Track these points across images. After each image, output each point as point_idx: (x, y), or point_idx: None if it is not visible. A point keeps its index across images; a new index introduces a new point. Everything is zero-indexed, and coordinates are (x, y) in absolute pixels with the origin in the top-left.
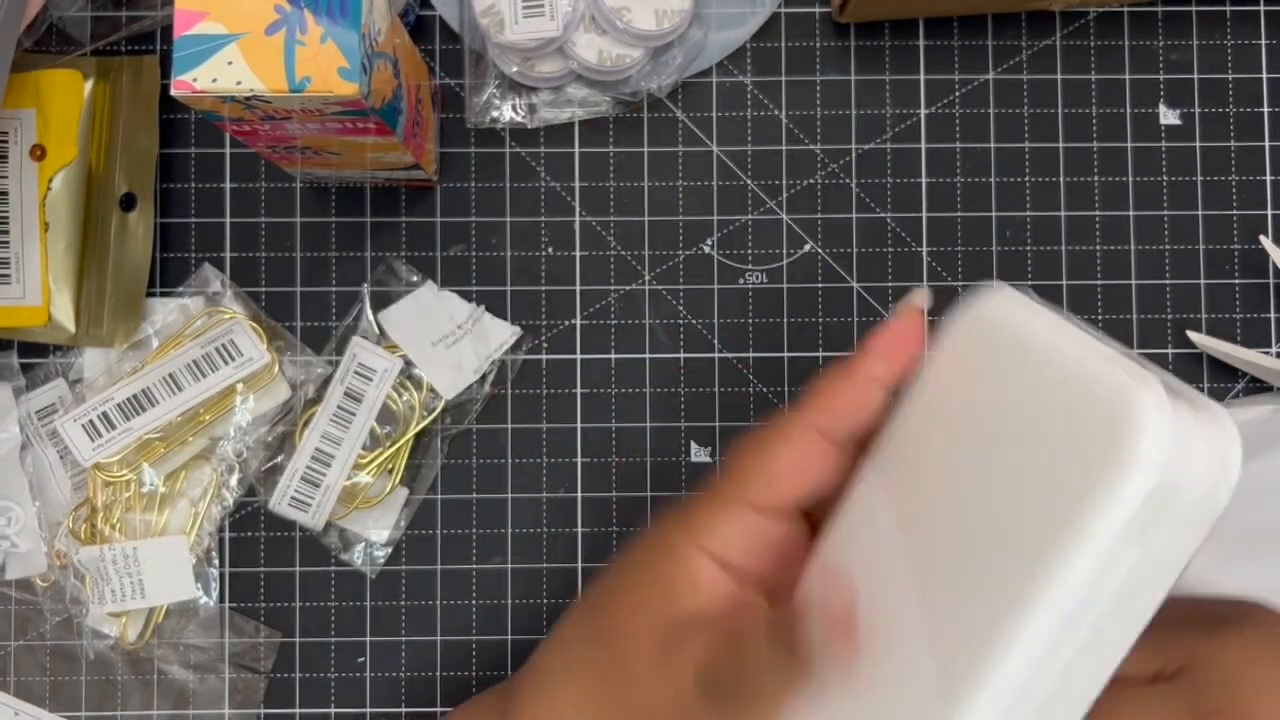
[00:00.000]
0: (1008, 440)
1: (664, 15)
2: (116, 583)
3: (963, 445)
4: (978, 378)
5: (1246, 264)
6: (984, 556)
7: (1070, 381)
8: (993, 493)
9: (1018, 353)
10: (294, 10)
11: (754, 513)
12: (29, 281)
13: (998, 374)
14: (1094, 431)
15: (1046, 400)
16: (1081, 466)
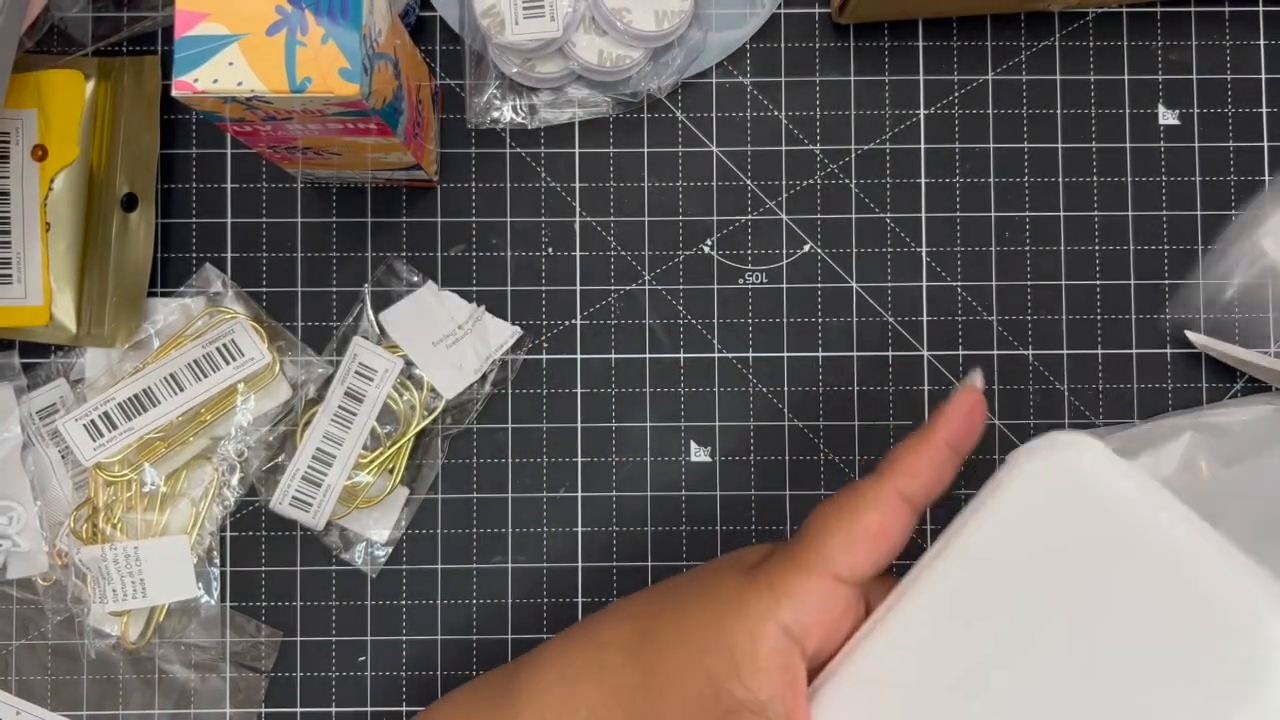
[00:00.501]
0: (1102, 612)
1: (664, 16)
2: (118, 582)
3: (1039, 601)
4: (1054, 532)
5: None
6: None
7: (1187, 576)
8: (1085, 664)
9: (1110, 520)
10: (295, 11)
11: (836, 582)
12: (30, 281)
13: (1083, 534)
14: (1225, 645)
15: (1154, 584)
16: (1214, 676)
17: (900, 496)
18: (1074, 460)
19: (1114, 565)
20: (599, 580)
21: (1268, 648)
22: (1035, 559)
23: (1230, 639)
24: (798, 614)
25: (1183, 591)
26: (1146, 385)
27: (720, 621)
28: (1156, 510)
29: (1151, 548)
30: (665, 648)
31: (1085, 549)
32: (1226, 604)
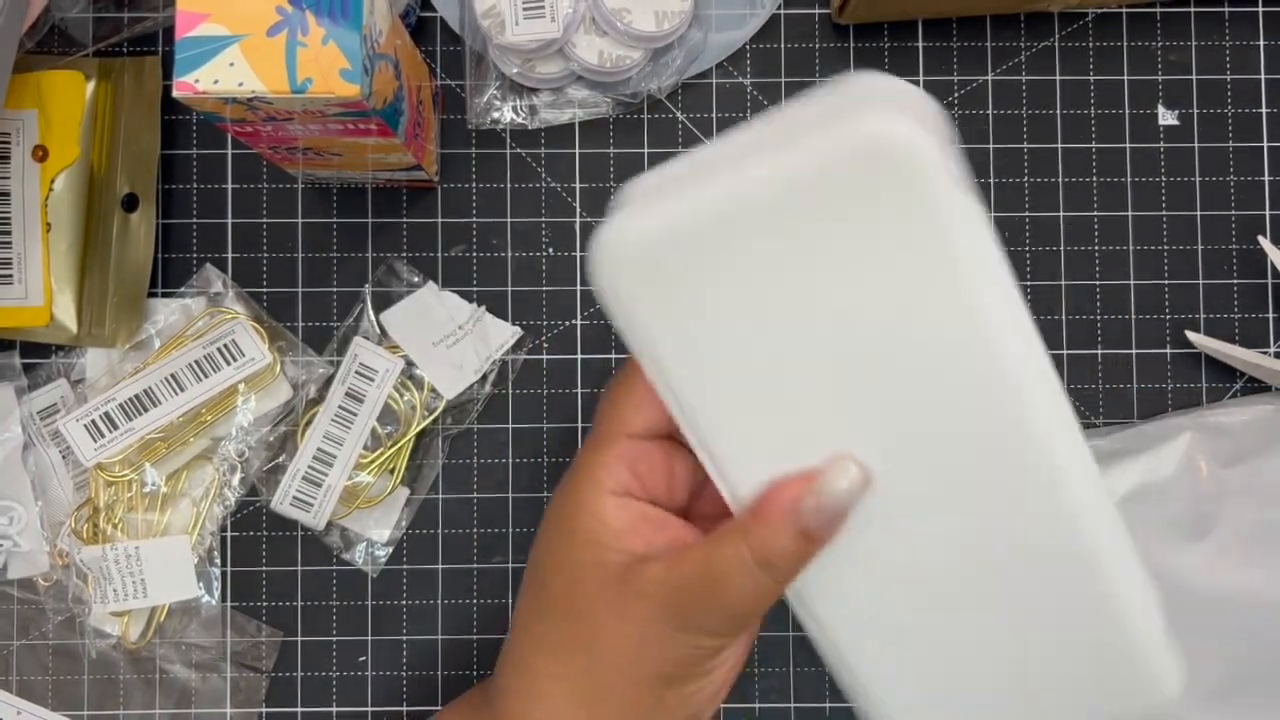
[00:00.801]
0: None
1: (664, 17)
2: (119, 582)
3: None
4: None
5: (1245, 264)
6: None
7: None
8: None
9: (918, 224)
10: (295, 12)
11: (631, 440)
12: (31, 282)
13: (887, 218)
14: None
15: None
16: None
17: None
18: (918, 143)
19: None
20: None
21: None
22: (841, 211)
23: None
24: (619, 476)
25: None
26: (1146, 385)
27: (571, 526)
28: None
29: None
30: (557, 581)
31: (889, 219)
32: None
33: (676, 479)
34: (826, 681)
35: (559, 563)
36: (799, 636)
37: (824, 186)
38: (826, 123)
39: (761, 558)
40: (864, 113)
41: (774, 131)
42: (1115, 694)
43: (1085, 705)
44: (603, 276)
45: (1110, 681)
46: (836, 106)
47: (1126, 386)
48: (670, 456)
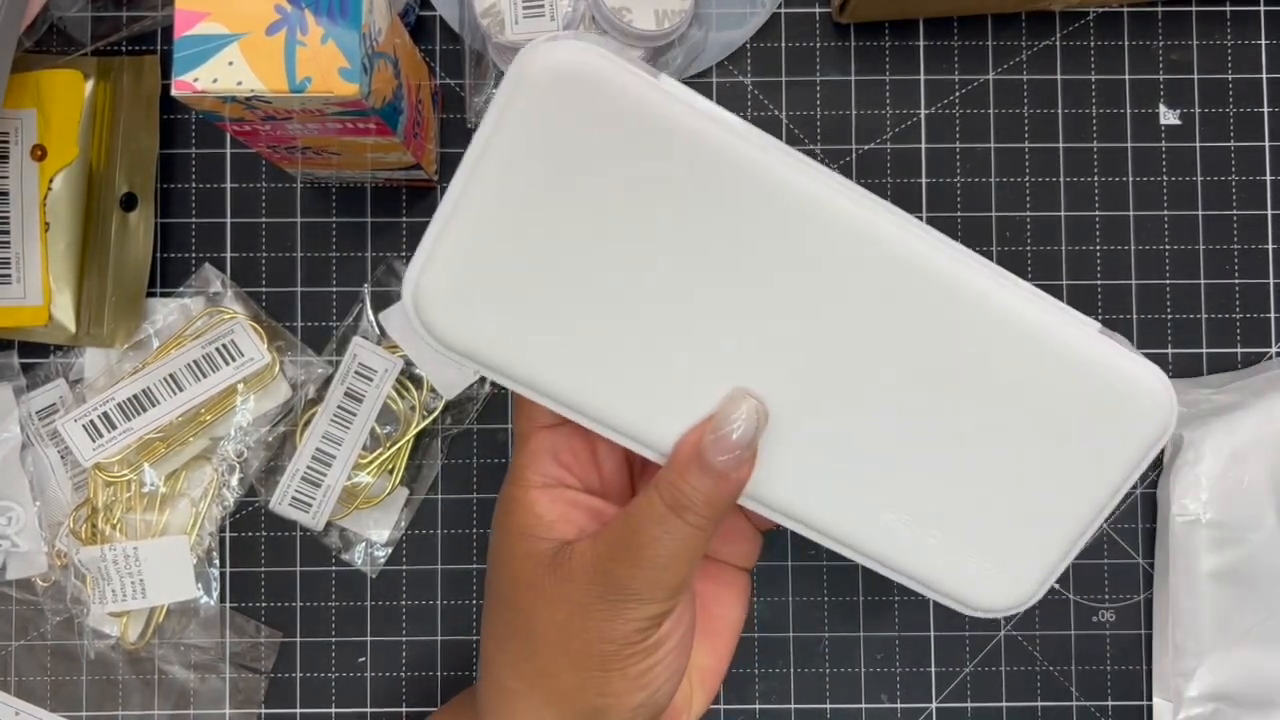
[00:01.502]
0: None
1: (664, 15)
2: (117, 582)
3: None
4: (581, 129)
5: (1246, 264)
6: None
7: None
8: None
9: (633, 117)
10: (294, 10)
11: (548, 431)
12: (30, 281)
13: (609, 131)
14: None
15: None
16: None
17: None
18: (585, 58)
19: (650, 148)
20: None
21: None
22: (575, 150)
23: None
24: (542, 469)
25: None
26: None
27: (509, 525)
28: (662, 95)
29: (671, 132)
30: (503, 580)
31: (616, 138)
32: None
33: (602, 460)
34: (826, 683)
35: (500, 560)
36: (800, 637)
37: (524, 125)
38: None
39: (673, 501)
40: (519, 61)
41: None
42: (1117, 429)
43: (1096, 456)
44: (427, 332)
45: (1105, 420)
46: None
47: None
48: (589, 440)
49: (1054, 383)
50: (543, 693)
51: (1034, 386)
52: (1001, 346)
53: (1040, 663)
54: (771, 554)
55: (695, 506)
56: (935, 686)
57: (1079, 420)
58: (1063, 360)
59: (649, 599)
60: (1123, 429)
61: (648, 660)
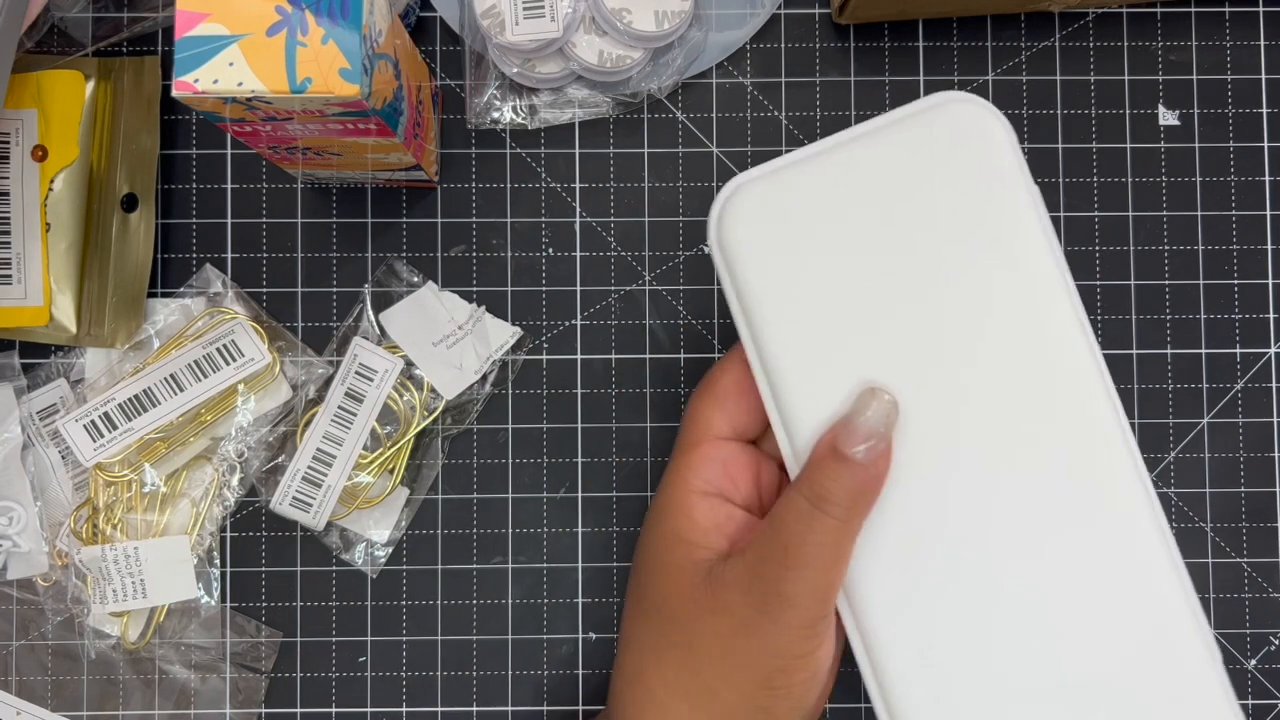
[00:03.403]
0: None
1: (664, 16)
2: (118, 582)
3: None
4: (949, 171)
5: (1245, 264)
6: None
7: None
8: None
9: (993, 188)
10: (295, 11)
11: (720, 442)
12: (30, 282)
13: (968, 186)
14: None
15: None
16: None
17: (739, 360)
18: (991, 123)
19: (983, 220)
20: (599, 580)
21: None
22: (928, 180)
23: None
24: (706, 476)
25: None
26: (1147, 385)
27: (665, 529)
28: (1026, 193)
29: (1009, 220)
30: (655, 585)
31: (965, 193)
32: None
33: (763, 483)
34: None
35: (654, 564)
36: None
37: (914, 149)
38: (917, 109)
39: (814, 496)
40: (949, 98)
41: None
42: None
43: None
44: (719, 231)
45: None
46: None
47: (1127, 387)
48: (756, 461)
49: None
50: (706, 712)
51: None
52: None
53: None
54: None
55: (836, 498)
56: None
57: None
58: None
59: (804, 604)
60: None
61: (805, 670)
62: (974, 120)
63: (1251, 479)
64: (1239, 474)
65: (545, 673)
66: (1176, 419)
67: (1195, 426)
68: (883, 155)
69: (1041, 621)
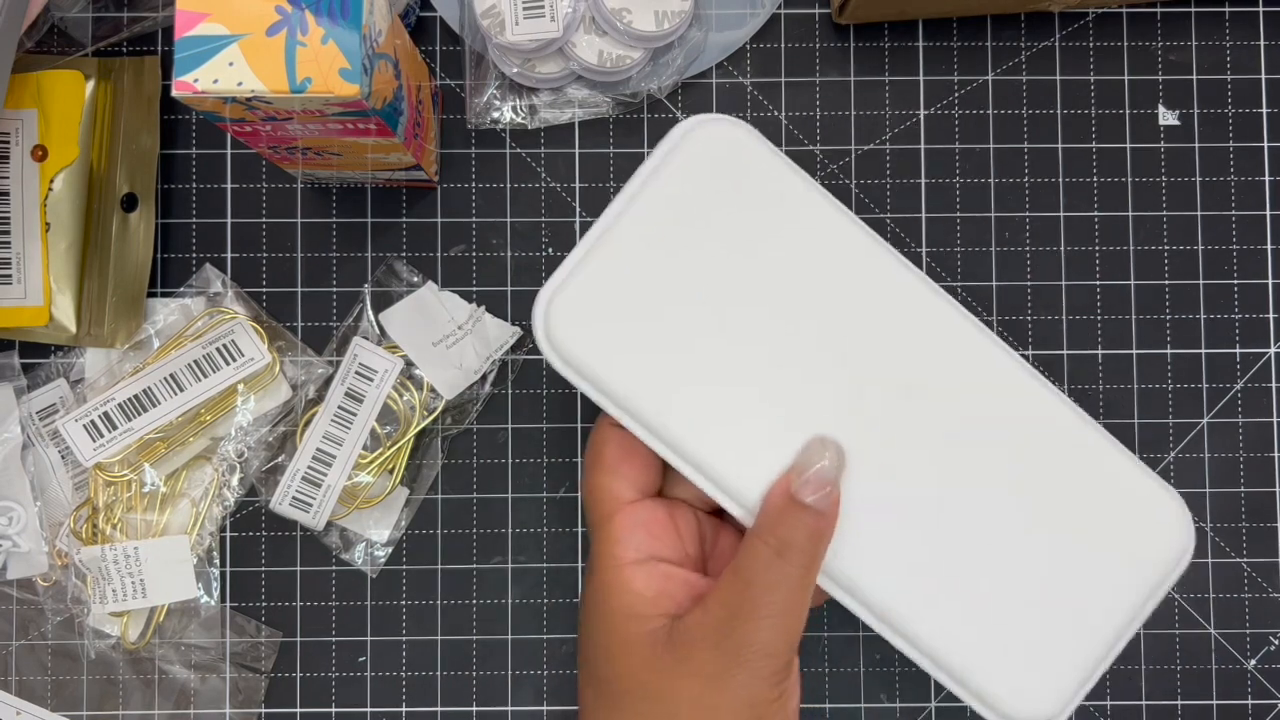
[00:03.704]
0: (778, 251)
1: (664, 16)
2: (118, 582)
3: (727, 239)
4: (726, 187)
5: (1245, 264)
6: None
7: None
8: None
9: (770, 183)
10: (295, 11)
11: (631, 506)
12: (30, 282)
13: (750, 191)
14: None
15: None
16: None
17: (613, 426)
18: (740, 134)
19: (783, 218)
20: None
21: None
22: (715, 207)
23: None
24: (633, 544)
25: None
26: (1146, 385)
27: (608, 607)
28: (802, 178)
29: (804, 207)
30: (606, 662)
31: (753, 203)
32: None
33: (683, 532)
34: (826, 682)
35: (607, 644)
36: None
37: (680, 192)
38: (663, 151)
39: (778, 545)
40: (683, 130)
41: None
42: (1139, 553)
43: (1114, 575)
44: (551, 347)
45: (1131, 541)
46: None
47: (1127, 387)
48: (670, 511)
49: (1096, 491)
50: None
51: (1080, 491)
52: (1056, 449)
53: None
54: None
55: (799, 545)
56: (934, 686)
57: (1115, 530)
58: (1106, 471)
59: (778, 650)
60: (1152, 543)
61: (783, 715)
62: (719, 137)
63: (1251, 479)
64: (1239, 474)
65: (545, 673)
66: (1176, 419)
67: (1195, 426)
68: (660, 208)
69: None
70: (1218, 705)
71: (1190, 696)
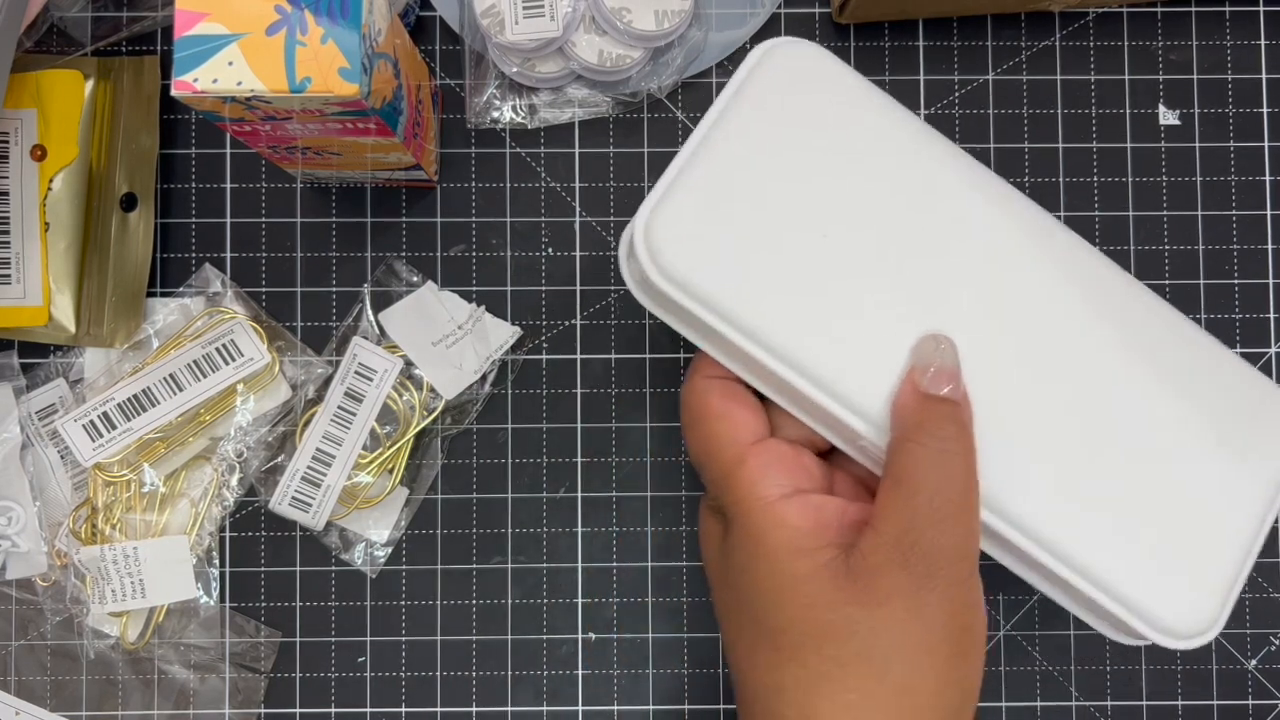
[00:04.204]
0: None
1: (664, 16)
2: (117, 582)
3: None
4: (807, 106)
5: (1245, 264)
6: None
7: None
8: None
9: (849, 100)
10: (295, 11)
11: (758, 447)
12: (30, 281)
13: (829, 110)
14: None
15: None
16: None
17: (717, 378)
18: (816, 53)
19: (869, 131)
20: (599, 580)
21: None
22: (803, 124)
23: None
24: (774, 481)
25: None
26: None
27: (767, 547)
28: (880, 94)
29: (887, 120)
30: (779, 616)
31: (839, 119)
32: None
33: (809, 465)
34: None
35: (777, 596)
36: None
37: (766, 107)
38: (744, 71)
39: (933, 441)
40: (764, 50)
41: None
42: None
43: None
44: (655, 265)
45: (1256, 445)
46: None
47: None
48: (793, 448)
49: (1218, 397)
50: (911, 717)
51: (1202, 396)
52: (1175, 355)
53: (1040, 663)
54: None
55: (954, 435)
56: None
57: (1240, 435)
58: (1226, 378)
59: (968, 551)
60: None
61: (982, 616)
62: (799, 56)
63: None
64: None
65: (545, 673)
66: None
67: None
68: (748, 124)
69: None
70: (1218, 705)
71: (1191, 697)
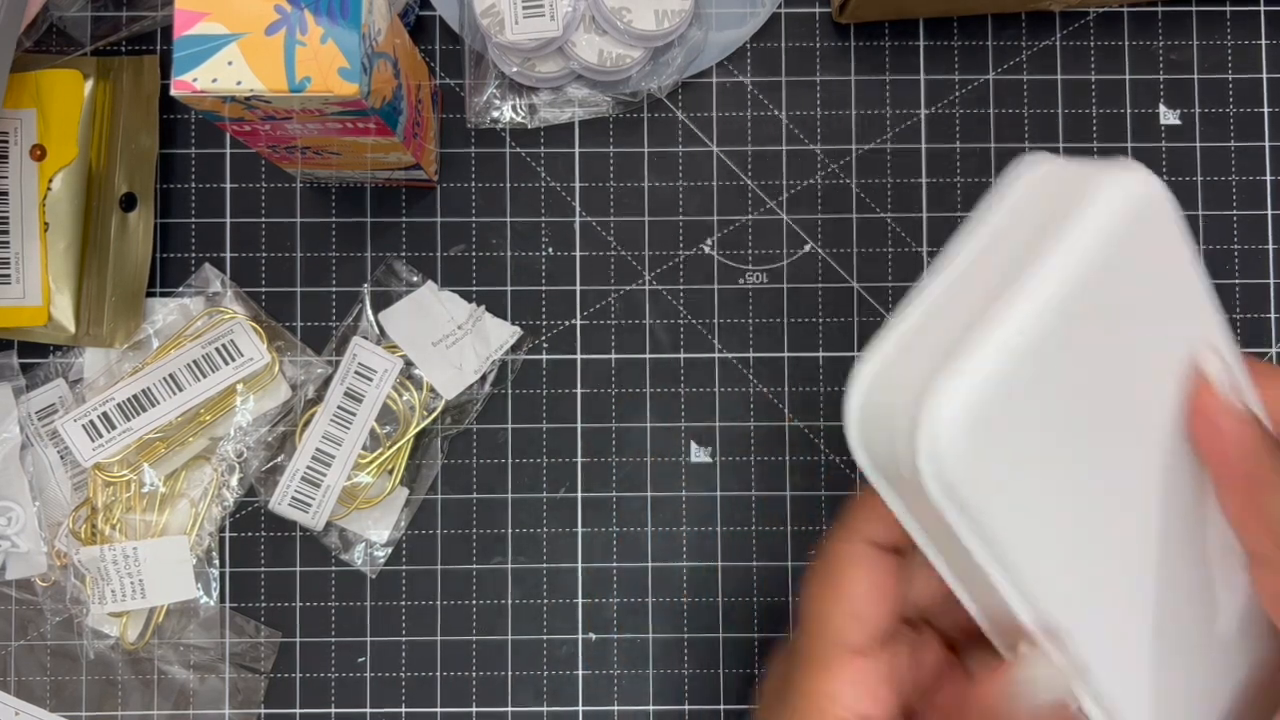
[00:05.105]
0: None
1: (664, 15)
2: (117, 583)
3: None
4: (1137, 269)
5: (1246, 264)
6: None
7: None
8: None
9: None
10: (294, 10)
11: (859, 657)
12: (29, 281)
13: (1156, 274)
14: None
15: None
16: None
17: (874, 546)
18: (1162, 196)
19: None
20: (599, 580)
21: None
22: (1126, 300)
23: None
24: (851, 704)
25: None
26: None
27: None
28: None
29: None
30: None
31: (1163, 302)
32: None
33: (885, 697)
34: None
35: None
36: None
37: (1106, 267)
38: (1056, 212)
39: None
40: (1101, 178)
41: (993, 246)
42: None
43: None
44: (935, 466)
45: None
46: (1045, 198)
47: None
48: (891, 663)
49: None
50: None
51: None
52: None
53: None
54: (772, 554)
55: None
56: None
57: None
58: None
59: None
60: None
61: None
62: (1144, 197)
63: None
64: None
65: (545, 673)
66: None
67: None
68: (1070, 289)
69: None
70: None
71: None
